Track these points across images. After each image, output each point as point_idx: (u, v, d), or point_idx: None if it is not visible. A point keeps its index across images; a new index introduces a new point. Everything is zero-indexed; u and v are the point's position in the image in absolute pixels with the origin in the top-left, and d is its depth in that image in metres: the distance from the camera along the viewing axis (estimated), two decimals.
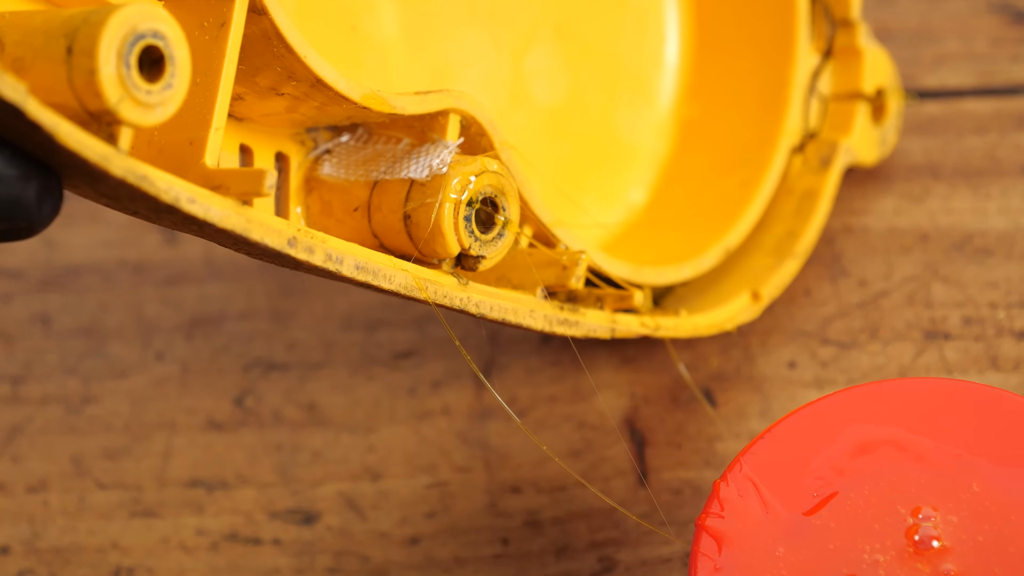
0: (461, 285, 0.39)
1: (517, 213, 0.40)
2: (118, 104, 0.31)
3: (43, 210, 0.31)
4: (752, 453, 0.38)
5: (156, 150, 0.35)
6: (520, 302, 0.40)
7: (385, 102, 0.38)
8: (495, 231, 0.39)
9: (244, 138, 0.39)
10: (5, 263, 0.53)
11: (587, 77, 0.48)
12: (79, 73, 0.31)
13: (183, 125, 0.35)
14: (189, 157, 0.35)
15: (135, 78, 0.31)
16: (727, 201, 0.48)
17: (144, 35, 0.31)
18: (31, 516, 0.47)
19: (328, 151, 0.40)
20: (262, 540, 0.46)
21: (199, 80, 0.35)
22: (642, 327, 0.43)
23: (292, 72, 0.37)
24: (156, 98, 0.32)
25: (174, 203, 0.32)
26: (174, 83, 0.32)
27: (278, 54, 0.36)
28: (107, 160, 0.31)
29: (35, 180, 0.31)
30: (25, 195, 0.31)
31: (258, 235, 0.34)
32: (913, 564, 0.35)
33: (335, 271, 0.36)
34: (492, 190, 0.39)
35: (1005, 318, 0.47)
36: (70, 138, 0.30)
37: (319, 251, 0.36)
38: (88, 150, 0.30)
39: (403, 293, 0.38)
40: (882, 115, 0.51)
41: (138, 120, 0.31)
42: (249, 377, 0.50)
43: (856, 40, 0.50)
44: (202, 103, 0.35)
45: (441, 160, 0.39)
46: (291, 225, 0.35)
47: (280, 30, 0.36)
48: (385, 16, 0.42)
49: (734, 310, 0.46)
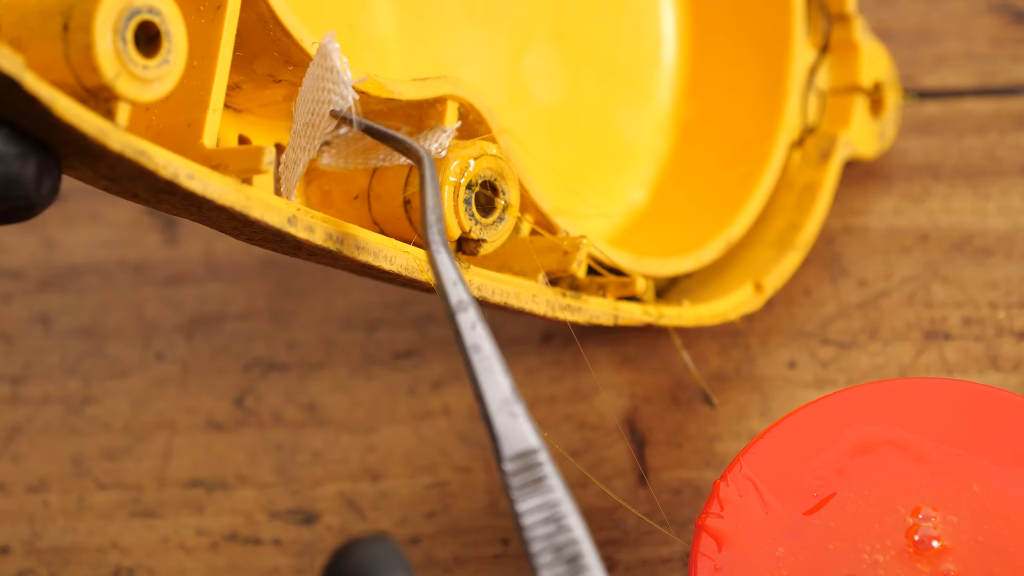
0: (463, 268, 0.39)
1: (517, 197, 0.40)
2: (115, 79, 0.31)
3: (42, 188, 0.31)
4: (752, 453, 0.38)
5: (155, 133, 0.35)
6: (522, 286, 0.40)
7: (383, 87, 0.38)
8: (495, 215, 0.39)
9: (243, 129, 0.39)
10: (5, 263, 0.53)
11: (585, 76, 0.48)
12: (76, 48, 0.30)
13: (181, 107, 0.35)
14: (188, 138, 0.35)
15: (132, 53, 0.31)
16: (728, 196, 0.48)
17: (140, 10, 0.31)
18: (31, 516, 0.47)
19: (327, 142, 0.40)
20: (262, 540, 0.46)
21: (196, 63, 0.35)
22: (645, 315, 0.43)
23: (289, 56, 0.36)
24: (153, 73, 0.31)
25: (173, 179, 0.32)
26: (171, 58, 0.32)
27: (274, 38, 0.36)
28: (105, 134, 0.31)
29: (33, 158, 0.31)
30: (24, 173, 0.30)
31: (258, 212, 0.34)
32: (913, 564, 0.35)
33: (336, 250, 0.36)
34: (491, 173, 0.39)
35: (1005, 318, 0.47)
36: (67, 111, 0.30)
37: (319, 230, 0.36)
38: (86, 124, 0.30)
39: (404, 274, 0.38)
40: (880, 108, 0.51)
41: (135, 95, 0.31)
42: (249, 377, 0.50)
43: (852, 34, 0.50)
44: (199, 85, 0.35)
45: (440, 144, 0.39)
46: (291, 204, 0.35)
47: (276, 13, 0.36)
48: (382, 14, 0.42)
49: (737, 301, 0.47)
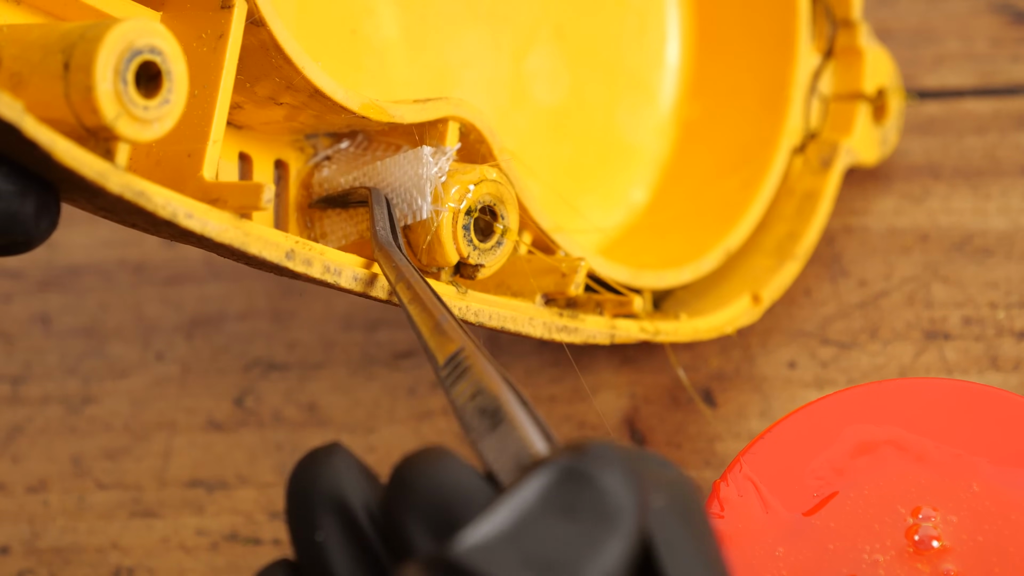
0: (460, 294, 0.39)
1: (516, 221, 0.40)
2: (115, 120, 0.31)
3: (40, 225, 0.31)
4: (752, 453, 0.38)
5: (154, 162, 0.35)
6: (519, 310, 0.40)
7: (384, 111, 0.38)
8: (494, 239, 0.39)
9: (243, 146, 0.39)
10: (5, 263, 0.53)
11: (588, 77, 0.48)
12: (76, 89, 0.30)
13: (181, 137, 0.35)
14: (187, 169, 0.35)
15: (132, 94, 0.31)
16: (728, 201, 0.48)
17: (141, 51, 0.31)
18: (31, 516, 0.47)
19: (328, 158, 0.40)
20: (262, 540, 0.46)
21: (197, 92, 0.35)
22: (642, 332, 0.43)
23: (290, 82, 0.37)
24: (153, 114, 0.31)
25: (171, 218, 0.32)
26: (171, 98, 0.32)
27: (276, 65, 0.36)
28: (104, 177, 0.31)
29: (33, 196, 0.31)
30: (23, 211, 0.31)
31: (256, 249, 0.34)
32: (913, 564, 0.35)
33: (333, 283, 0.36)
34: (491, 198, 0.39)
35: (1005, 318, 0.47)
36: (67, 155, 0.30)
37: (317, 263, 0.36)
38: (85, 167, 0.30)
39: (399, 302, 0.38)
40: (883, 115, 0.51)
41: (135, 136, 0.31)
42: (249, 377, 0.50)
43: (857, 40, 0.50)
44: (200, 115, 0.35)
45: (439, 168, 0.39)
46: (289, 238, 0.35)
47: (278, 41, 0.36)
48: (385, 19, 0.42)
49: (734, 313, 0.46)
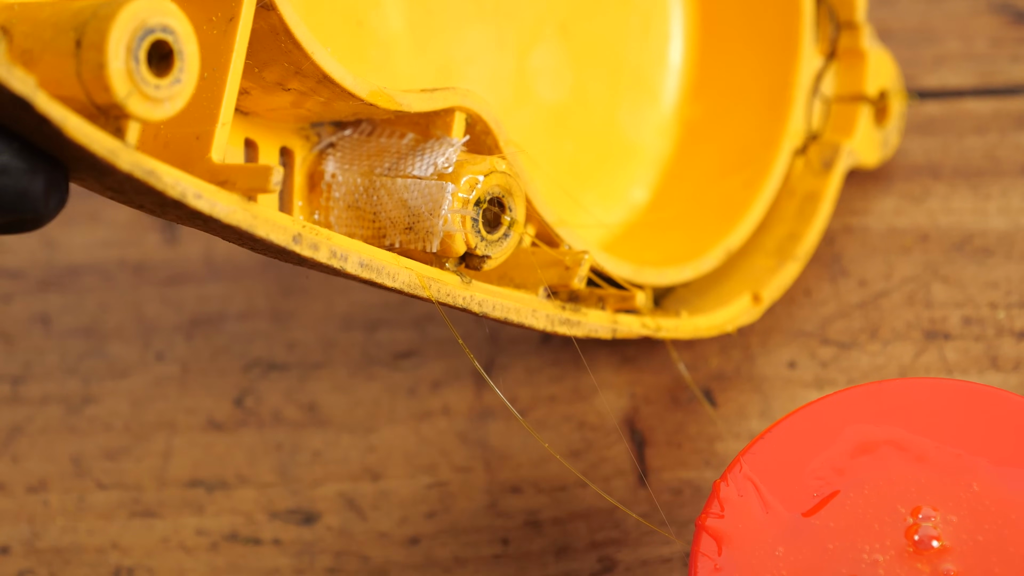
0: (464, 284, 0.39)
1: (523, 213, 0.40)
2: (126, 99, 0.31)
3: (50, 203, 0.31)
4: (752, 453, 0.38)
5: (162, 144, 0.35)
6: (522, 301, 0.40)
7: (392, 99, 0.38)
8: (501, 231, 0.39)
9: (249, 132, 0.39)
10: (5, 263, 0.53)
11: (591, 75, 0.48)
12: (88, 67, 0.30)
13: (190, 119, 0.35)
14: (195, 151, 0.35)
15: (144, 73, 0.31)
16: (729, 201, 0.48)
17: (153, 29, 0.31)
18: (31, 516, 0.47)
19: (332, 144, 0.40)
20: (262, 540, 0.46)
21: (207, 74, 0.35)
22: (643, 328, 0.43)
23: (299, 67, 0.37)
24: (164, 93, 0.32)
25: (180, 198, 0.32)
26: (183, 78, 0.32)
27: (285, 49, 0.36)
28: (115, 154, 0.31)
29: (42, 173, 0.31)
30: (32, 188, 0.31)
31: (263, 231, 0.34)
32: (913, 564, 0.35)
33: (339, 268, 0.36)
34: (500, 190, 0.39)
35: (1005, 318, 0.47)
36: (78, 132, 0.30)
37: (324, 248, 0.36)
38: (96, 144, 0.30)
39: (406, 291, 0.38)
40: (884, 117, 0.51)
41: (146, 115, 0.31)
42: (249, 377, 0.50)
43: (860, 42, 0.50)
44: (209, 97, 0.35)
45: (446, 159, 0.39)
46: (296, 222, 0.35)
47: (288, 25, 0.36)
48: (391, 12, 0.42)
49: (735, 312, 0.46)
